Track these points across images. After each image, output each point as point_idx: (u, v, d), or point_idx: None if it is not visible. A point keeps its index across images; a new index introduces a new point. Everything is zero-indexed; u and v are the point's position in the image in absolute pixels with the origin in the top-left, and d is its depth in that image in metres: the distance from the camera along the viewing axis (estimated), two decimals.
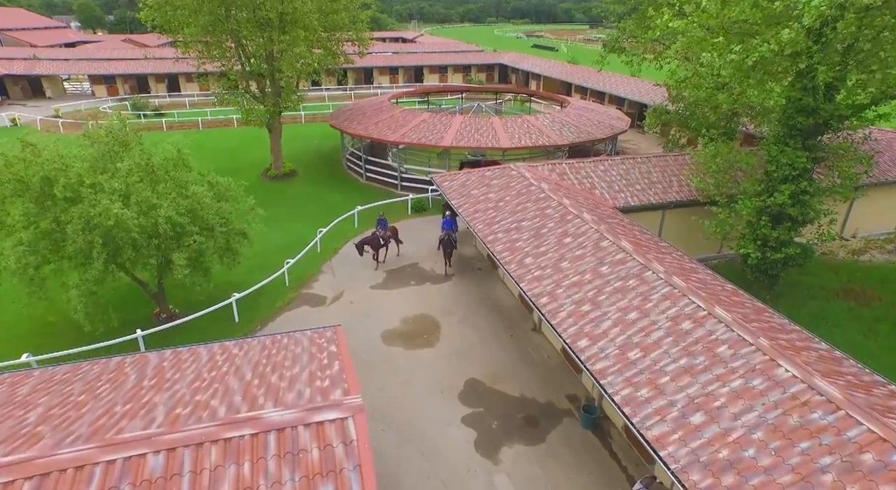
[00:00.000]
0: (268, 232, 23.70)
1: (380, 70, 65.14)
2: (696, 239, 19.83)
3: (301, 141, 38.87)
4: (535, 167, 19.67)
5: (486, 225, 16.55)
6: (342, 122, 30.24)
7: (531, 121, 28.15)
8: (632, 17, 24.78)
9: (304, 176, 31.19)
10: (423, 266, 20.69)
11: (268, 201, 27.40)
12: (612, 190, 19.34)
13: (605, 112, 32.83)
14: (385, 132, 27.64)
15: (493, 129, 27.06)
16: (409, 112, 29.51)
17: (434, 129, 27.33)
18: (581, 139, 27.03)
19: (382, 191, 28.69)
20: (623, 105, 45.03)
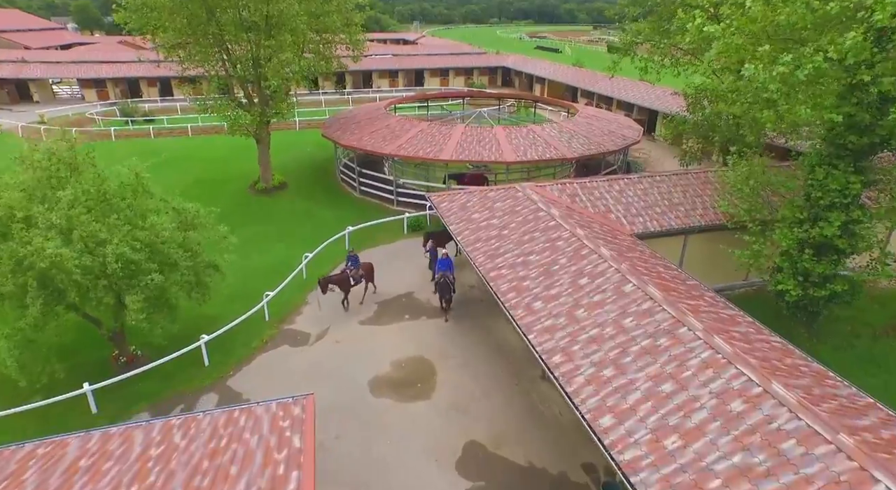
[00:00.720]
0: (250, 255, 21.84)
1: (379, 73, 63.23)
2: (721, 265, 17.84)
3: (294, 149, 36.92)
4: (544, 188, 17.65)
5: (488, 257, 14.54)
6: (334, 132, 28.29)
7: (537, 131, 26.14)
8: (647, 20, 22.79)
9: (295, 189, 29.22)
10: (419, 296, 18.69)
11: (253, 218, 25.53)
12: (629, 213, 17.32)
13: (615, 120, 30.80)
14: (380, 144, 25.67)
15: (496, 140, 25.06)
16: (405, 121, 27.55)
17: (433, 140, 25.35)
18: (591, 151, 25.01)
19: (377, 206, 26.71)
20: (632, 111, 42.99)
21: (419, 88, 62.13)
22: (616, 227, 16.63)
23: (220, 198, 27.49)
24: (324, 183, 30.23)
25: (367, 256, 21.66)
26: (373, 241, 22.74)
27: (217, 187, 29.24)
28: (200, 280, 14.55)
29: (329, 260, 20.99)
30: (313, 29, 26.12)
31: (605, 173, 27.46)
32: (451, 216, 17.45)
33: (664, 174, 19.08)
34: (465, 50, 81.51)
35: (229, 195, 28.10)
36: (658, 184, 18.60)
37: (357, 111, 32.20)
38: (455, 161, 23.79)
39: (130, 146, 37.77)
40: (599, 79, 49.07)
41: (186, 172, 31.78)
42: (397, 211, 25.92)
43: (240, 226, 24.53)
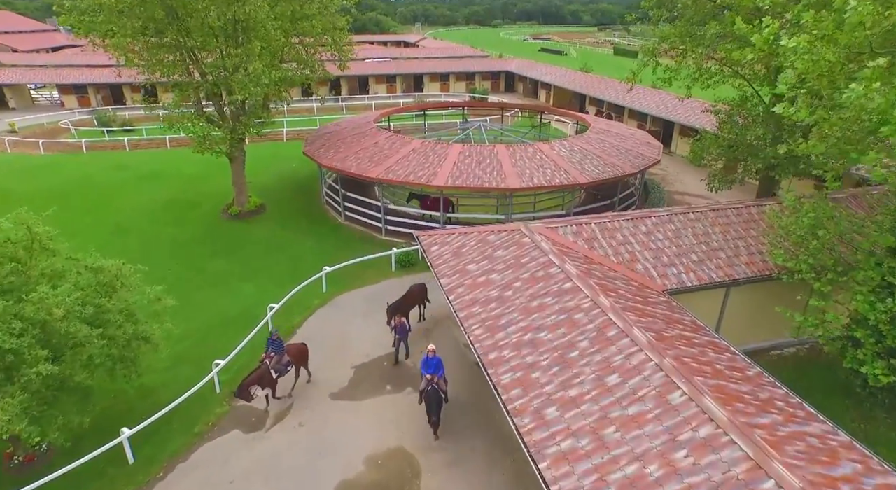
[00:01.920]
0: (212, 299, 18.80)
1: (376, 78, 60.23)
2: (768, 319, 14.76)
3: (279, 163, 33.92)
4: (555, 230, 14.52)
5: (486, 330, 11.43)
6: (316, 150, 25.22)
7: (545, 150, 23.01)
8: (675, 24, 19.67)
9: (274, 213, 26.15)
10: (414, 343, 15.59)
11: (221, 249, 22.45)
12: (660, 262, 14.17)
13: (630, 135, 27.63)
14: (366, 165, 22.58)
15: (497, 161, 21.94)
16: (396, 138, 24.45)
17: (426, 161, 22.25)
18: (607, 175, 21.87)
19: (363, 235, 23.62)
20: (645, 121, 39.83)
21: (418, 94, 59.09)
22: (645, 282, 13.48)
23: (188, 224, 24.56)
24: (306, 205, 27.15)
25: (348, 300, 18.64)
26: (354, 282, 19.64)
27: (187, 211, 26.20)
28: (125, 355, 11.47)
29: (300, 308, 17.89)
30: (292, 34, 23.09)
31: (622, 196, 24.31)
32: (443, 265, 14.34)
33: (698, 211, 15.91)
34: (466, 53, 78.55)
35: (199, 221, 25.07)
36: (692, 223, 15.44)
37: (344, 124, 29.14)
38: (451, 188, 20.69)
39: (101, 160, 34.83)
40: (609, 85, 45.92)
41: (157, 192, 28.78)
42: (385, 241, 22.85)
43: (205, 259, 21.61)
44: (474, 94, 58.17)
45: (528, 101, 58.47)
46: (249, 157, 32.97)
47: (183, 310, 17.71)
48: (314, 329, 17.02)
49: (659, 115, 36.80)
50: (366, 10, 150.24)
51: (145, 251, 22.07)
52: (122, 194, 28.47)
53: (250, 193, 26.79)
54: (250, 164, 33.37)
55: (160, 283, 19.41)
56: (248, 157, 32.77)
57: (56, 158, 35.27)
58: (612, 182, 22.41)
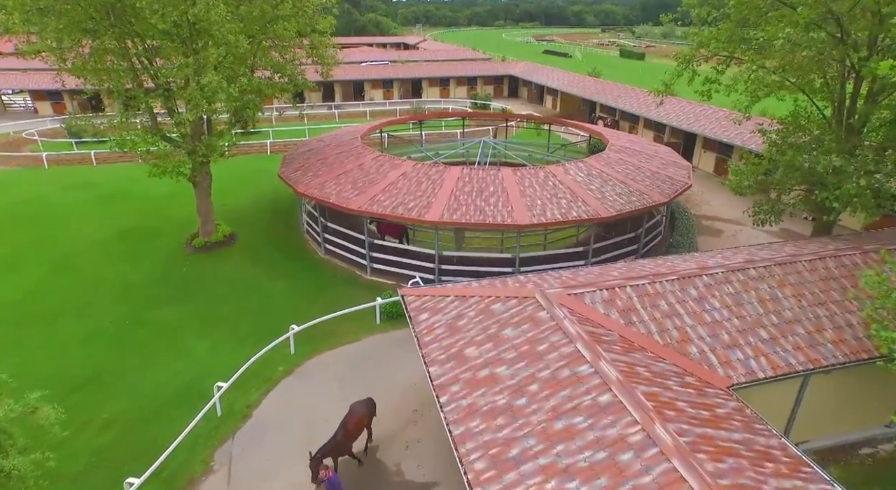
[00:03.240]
0: (153, 362, 15.33)
1: (372, 83, 56.88)
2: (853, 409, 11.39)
3: (260, 180, 30.55)
4: (580, 298, 11.08)
5: (492, 466, 7.99)
6: (293, 173, 21.84)
7: (558, 175, 19.58)
8: (722, 24, 16.26)
9: (245, 244, 22.75)
10: (387, 457, 12.18)
11: (178, 292, 19.03)
12: (720, 343, 10.73)
13: (654, 153, 24.19)
14: (348, 193, 19.19)
15: (503, 189, 18.53)
16: (384, 160, 21.05)
17: (418, 189, 18.85)
18: (633, 205, 18.43)
19: (345, 274, 20.23)
20: (663, 133, 36.37)
21: (416, 100, 55.69)
22: (703, 374, 10.04)
23: (144, 259, 21.21)
24: (283, 235, 23.74)
25: (320, 366, 15.30)
26: (329, 340, 16.25)
27: (146, 242, 22.83)
28: None
29: (258, 379, 14.50)
30: (264, 39, 19.73)
31: (648, 226, 20.84)
32: (434, 345, 10.92)
33: (760, 266, 12.43)
34: (467, 56, 75.26)
35: (158, 254, 21.68)
36: (755, 283, 11.99)
37: (328, 140, 25.74)
38: (447, 224, 17.28)
39: (63, 177, 31.50)
40: (622, 92, 42.48)
41: (116, 217, 25.43)
42: (371, 283, 19.46)
43: (156, 306, 18.20)
44: (476, 99, 54.77)
45: (532, 107, 55.06)
46: (226, 173, 29.88)
47: (116, 380, 14.48)
48: (273, 409, 13.61)
49: (680, 126, 33.32)
50: (366, 11, 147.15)
51: (87, 295, 18.74)
52: (77, 220, 25.11)
53: (219, 221, 23.41)
54: (225, 182, 30.10)
55: (95, 337, 16.37)
56: (224, 173, 29.66)
57: (11, 175, 31.94)
58: (640, 213, 18.95)
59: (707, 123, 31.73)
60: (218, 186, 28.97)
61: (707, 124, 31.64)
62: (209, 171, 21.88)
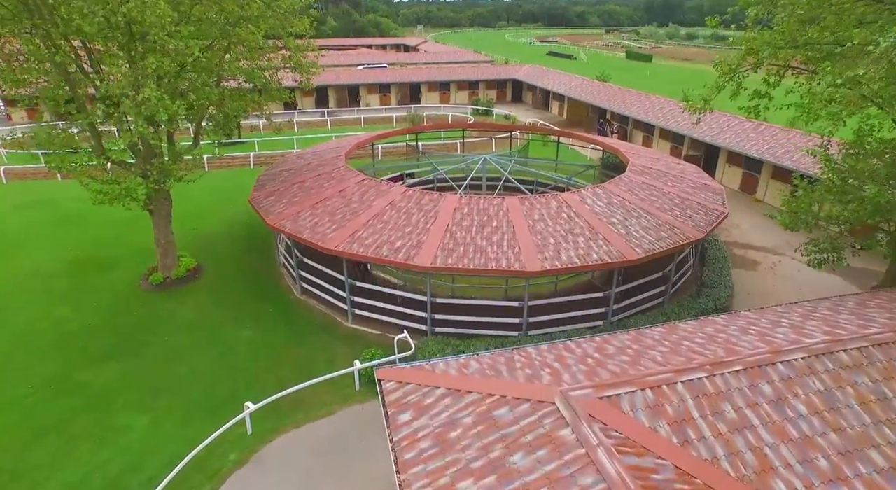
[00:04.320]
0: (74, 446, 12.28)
1: (368, 88, 53.94)
2: None
3: (239, 198, 27.46)
4: (616, 407, 8.08)
5: None
6: (265, 200, 18.90)
7: (573, 204, 16.58)
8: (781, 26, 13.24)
9: (212, 280, 19.80)
10: None
11: (122, 344, 15.97)
12: (818, 476, 7.67)
13: (680, 173, 21.18)
14: (325, 227, 16.22)
15: (508, 223, 15.54)
16: (369, 185, 18.08)
17: (407, 222, 15.88)
18: (664, 244, 15.40)
19: (322, 320, 17.27)
20: (681, 144, 33.34)
21: (414, 106, 52.74)
22: None
23: (90, 299, 18.32)
24: (257, 267, 20.79)
25: (282, 451, 12.27)
26: (295, 414, 13.27)
27: (97, 276, 19.90)
28: None
29: (202, 474, 11.50)
30: (224, 45, 16.78)
31: (677, 263, 17.80)
32: (415, 469, 7.92)
33: (852, 348, 9.40)
34: (469, 58, 72.33)
35: (107, 294, 18.74)
36: (850, 375, 8.94)
37: (309, 156, 22.78)
38: (441, 269, 14.27)
39: (19, 194, 28.70)
40: (634, 98, 39.46)
41: (68, 244, 22.53)
42: (351, 333, 16.52)
43: (93, 363, 15.15)
44: (477, 105, 51.81)
45: (537, 113, 52.07)
46: (201, 190, 27.13)
47: (9, 485, 11.39)
48: None
49: (702, 138, 30.26)
50: (366, 11, 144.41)
51: (11, 346, 15.80)
52: (22, 247, 22.20)
53: (183, 252, 20.48)
54: (199, 202, 27.22)
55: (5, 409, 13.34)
56: (199, 191, 26.88)
57: None
58: (672, 252, 15.92)
59: (732, 136, 28.70)
60: (190, 207, 26.22)
61: (732, 137, 28.60)
62: (169, 197, 18.92)
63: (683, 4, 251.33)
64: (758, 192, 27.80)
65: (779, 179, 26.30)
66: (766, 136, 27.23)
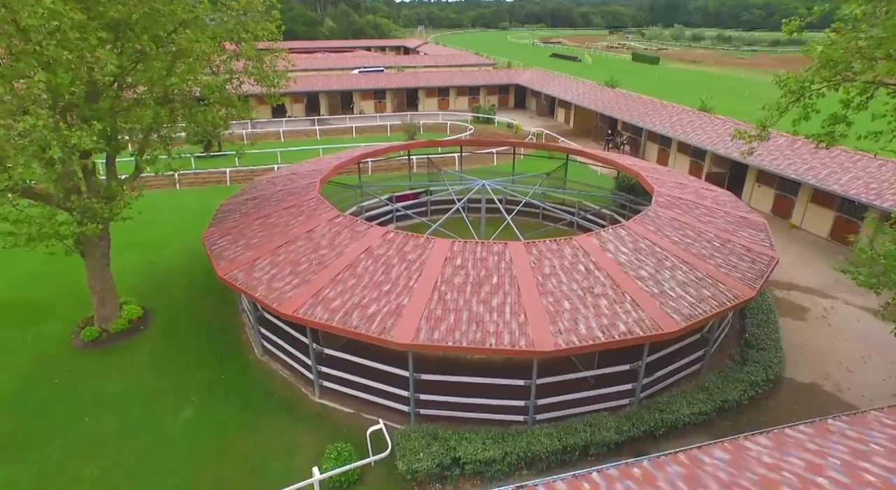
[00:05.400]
0: None
1: (362, 93, 50.84)
2: None
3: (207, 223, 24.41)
4: None
5: None
6: (218, 240, 15.77)
7: (592, 252, 13.42)
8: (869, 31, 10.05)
9: (160, 332, 16.67)
10: None
11: (24, 431, 12.75)
12: None
13: (713, 204, 18.00)
14: (283, 283, 13.08)
15: (512, 279, 12.38)
16: (344, 225, 14.94)
17: (386, 277, 12.73)
18: (709, 308, 12.21)
19: (285, 391, 14.12)
20: (702, 160, 30.13)
21: (411, 113, 49.61)
22: None
23: (4, 361, 15.12)
24: (215, 316, 17.64)
25: None
26: None
27: (20, 328, 16.80)
28: None
29: None
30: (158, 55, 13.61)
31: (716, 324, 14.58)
32: None
33: None
34: (471, 61, 69.18)
35: (26, 353, 15.62)
36: None
37: (280, 183, 19.64)
38: (425, 347, 11.11)
39: None
40: (649, 107, 36.23)
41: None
42: (318, 411, 13.39)
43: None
44: (478, 112, 48.65)
45: (542, 121, 48.89)
46: (165, 212, 24.26)
47: None
48: None
49: (728, 154, 27.03)
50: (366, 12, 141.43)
51: None
52: None
53: (127, 297, 17.37)
54: (162, 227, 24.16)
55: None
56: (163, 213, 23.99)
57: None
58: (717, 317, 12.70)
59: (764, 152, 25.46)
60: (149, 234, 23.27)
61: (764, 154, 25.36)
62: (106, 235, 15.80)
63: (688, 5, 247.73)
64: (794, 216, 24.58)
65: (820, 204, 23.09)
66: (803, 154, 24.02)
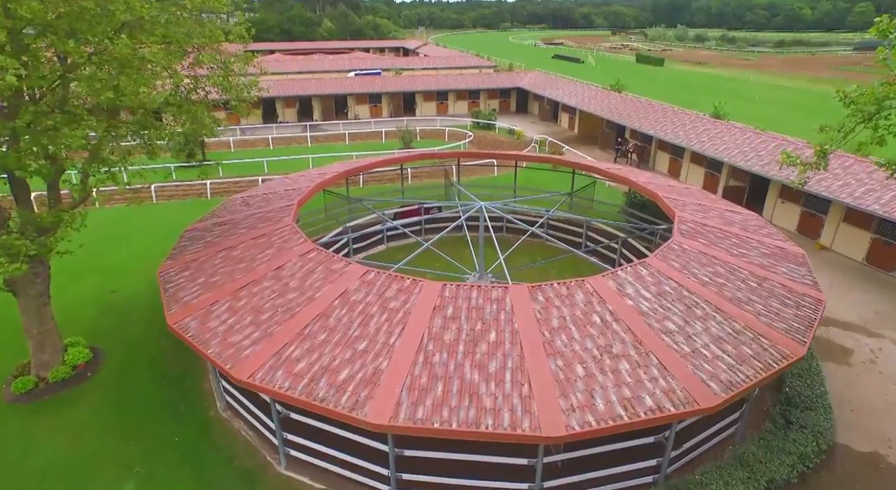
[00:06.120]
0: None
1: (357, 97, 48.75)
2: None
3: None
4: None
5: None
6: (175, 276, 13.66)
7: (608, 298, 11.29)
8: None
9: (109, 380, 14.54)
10: None
11: None
12: None
13: (744, 232, 15.88)
14: (241, 336, 10.96)
15: (514, 337, 10.26)
16: (318, 262, 12.83)
17: (363, 331, 10.61)
18: (753, 374, 10.05)
19: (247, 459, 11.98)
20: (718, 172, 27.97)
21: (408, 118, 47.51)
22: None
23: None
24: (176, 357, 15.49)
25: None
26: None
27: None
28: None
29: None
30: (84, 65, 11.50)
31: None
32: None
33: None
34: (471, 63, 67.11)
35: None
36: None
37: (254, 205, 17.52)
38: (405, 430, 8.97)
39: None
40: (660, 114, 34.07)
41: None
42: (283, 486, 11.22)
43: None
44: (478, 118, 46.54)
45: (545, 126, 46.77)
46: (140, 230, 22.46)
47: None
48: None
49: (749, 167, 24.85)
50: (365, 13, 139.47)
51: None
52: None
53: (74, 338, 15.24)
54: (129, 248, 22.08)
55: None
56: (137, 231, 22.23)
57: None
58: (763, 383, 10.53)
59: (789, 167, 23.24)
60: (116, 258, 21.27)
61: (790, 168, 23.15)
62: (43, 271, 13.69)
63: (690, 5, 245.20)
64: (823, 236, 22.42)
65: (855, 224, 20.93)
66: (835, 169, 21.85)
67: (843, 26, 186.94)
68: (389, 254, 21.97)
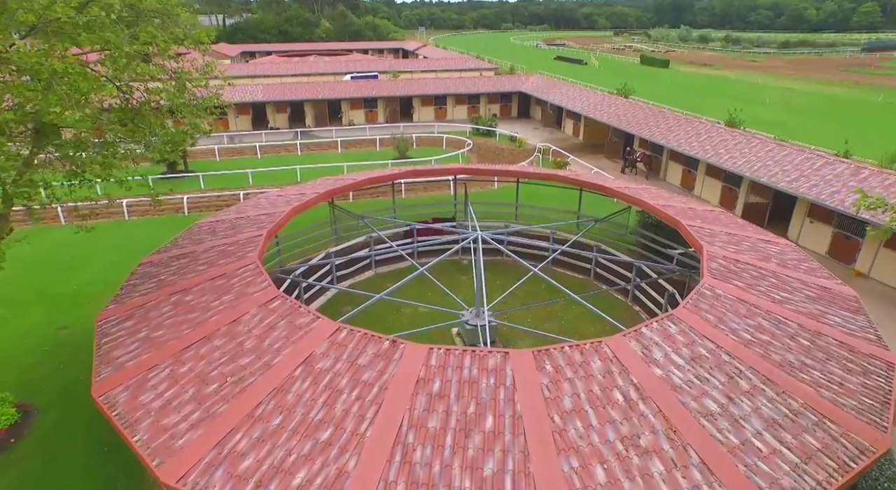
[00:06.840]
0: None
1: (351, 102, 46.63)
2: None
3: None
4: None
5: None
6: (112, 330, 11.52)
7: (631, 365, 9.17)
8: None
9: (36, 448, 12.41)
10: None
11: None
12: None
13: (777, 266, 13.72)
14: (177, 417, 8.82)
15: (516, 424, 8.16)
16: (284, 313, 10.69)
17: (326, 415, 8.47)
18: (821, 478, 7.87)
19: None
20: (737, 187, 25.78)
21: (405, 124, 45.36)
22: None
23: None
24: None
25: None
26: None
27: None
28: None
29: None
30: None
31: None
32: None
33: None
34: (471, 65, 64.97)
35: None
36: None
37: (222, 233, 15.38)
38: None
39: None
40: (672, 122, 31.88)
41: None
42: None
43: None
44: (478, 123, 44.40)
45: (548, 132, 44.61)
46: (106, 250, 20.85)
47: None
48: None
49: (773, 183, 22.67)
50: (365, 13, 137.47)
51: None
52: None
53: (0, 393, 13.10)
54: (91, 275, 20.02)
55: None
56: (103, 251, 20.77)
57: None
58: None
59: (820, 182, 21.13)
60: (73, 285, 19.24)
61: (821, 184, 21.02)
62: None
63: (693, 5, 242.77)
64: (859, 261, 20.23)
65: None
66: (874, 187, 19.67)
67: (848, 27, 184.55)
68: (377, 281, 19.86)
